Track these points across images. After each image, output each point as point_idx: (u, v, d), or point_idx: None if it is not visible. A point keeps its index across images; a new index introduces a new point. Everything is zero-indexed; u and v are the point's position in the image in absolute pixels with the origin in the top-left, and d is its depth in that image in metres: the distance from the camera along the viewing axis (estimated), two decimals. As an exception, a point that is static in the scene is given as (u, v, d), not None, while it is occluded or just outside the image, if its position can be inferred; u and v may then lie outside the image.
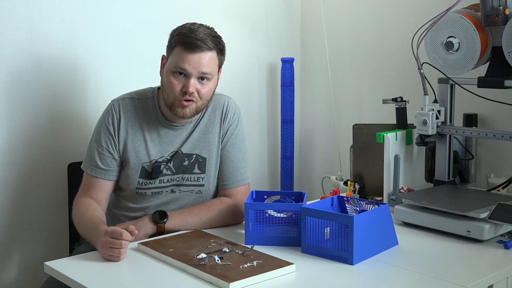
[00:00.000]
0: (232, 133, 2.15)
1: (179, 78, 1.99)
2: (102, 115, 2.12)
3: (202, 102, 2.03)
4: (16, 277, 2.41)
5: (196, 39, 1.96)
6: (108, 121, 2.08)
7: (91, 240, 1.90)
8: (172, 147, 2.10)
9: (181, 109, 2.01)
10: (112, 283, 1.64)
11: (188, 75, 1.98)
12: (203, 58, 1.97)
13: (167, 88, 2.01)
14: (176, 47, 1.99)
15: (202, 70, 1.98)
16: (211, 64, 2.00)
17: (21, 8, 2.31)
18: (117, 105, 2.09)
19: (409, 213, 2.06)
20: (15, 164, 2.36)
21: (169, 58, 2.02)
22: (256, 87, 3.10)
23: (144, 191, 2.09)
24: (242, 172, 2.16)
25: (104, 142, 2.07)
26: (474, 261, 1.81)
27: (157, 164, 2.07)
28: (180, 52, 1.97)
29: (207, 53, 1.98)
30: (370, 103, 2.94)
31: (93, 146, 2.09)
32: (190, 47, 1.96)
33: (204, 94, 2.02)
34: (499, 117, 2.47)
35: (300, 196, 1.98)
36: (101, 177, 2.07)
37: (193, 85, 1.98)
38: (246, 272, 1.61)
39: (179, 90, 1.99)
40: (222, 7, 2.89)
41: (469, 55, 2.15)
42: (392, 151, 2.24)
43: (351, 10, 2.99)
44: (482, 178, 2.49)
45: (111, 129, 2.07)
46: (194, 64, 1.96)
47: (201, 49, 1.96)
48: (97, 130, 2.10)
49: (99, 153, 2.07)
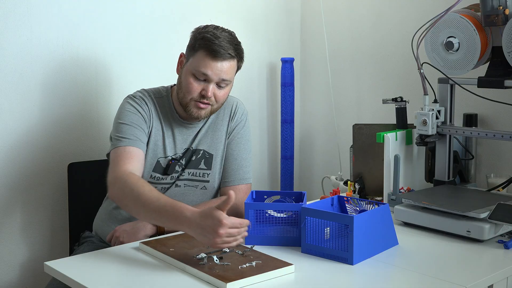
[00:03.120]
0: (238, 132, 2.19)
1: (199, 81, 2.03)
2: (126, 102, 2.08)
3: (217, 105, 2.09)
4: (16, 277, 2.41)
5: (220, 46, 1.99)
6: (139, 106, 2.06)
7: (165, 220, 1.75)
8: (185, 144, 2.15)
9: (197, 110, 2.05)
10: (112, 283, 1.64)
11: (209, 81, 2.02)
12: (225, 66, 2.02)
13: (185, 88, 2.04)
14: (199, 51, 2.02)
15: (223, 77, 2.02)
16: (231, 71, 2.05)
17: (21, 8, 2.31)
18: (142, 99, 2.09)
19: (409, 213, 2.06)
20: (15, 164, 2.36)
21: (190, 59, 2.04)
22: (256, 87, 3.10)
23: (155, 185, 2.08)
24: (245, 171, 2.18)
25: (135, 119, 2.04)
26: (474, 261, 1.81)
27: (174, 161, 2.11)
28: (203, 57, 2.00)
29: (229, 61, 2.02)
30: (370, 103, 2.94)
31: (120, 124, 2.03)
32: (214, 55, 1.99)
33: (221, 98, 2.07)
34: (499, 117, 2.47)
35: (300, 196, 1.98)
36: (137, 146, 1.99)
37: (212, 90, 2.03)
38: (244, 273, 1.61)
39: (198, 93, 2.03)
40: (222, 7, 2.90)
41: (469, 55, 2.15)
42: (392, 151, 2.24)
43: (351, 10, 2.99)
44: (482, 178, 2.49)
45: (144, 113, 2.06)
46: (216, 71, 2.00)
47: (223, 58, 2.00)
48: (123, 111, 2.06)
49: (130, 127, 2.02)
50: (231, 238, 1.64)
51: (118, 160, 1.95)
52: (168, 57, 2.13)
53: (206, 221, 1.63)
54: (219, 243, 1.63)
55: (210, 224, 1.62)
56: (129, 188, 1.83)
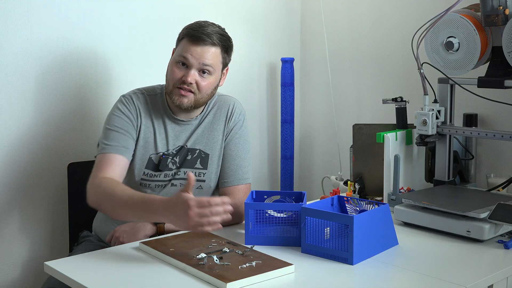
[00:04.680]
0: (236, 132, 2.18)
1: (181, 67, 2.05)
2: (116, 106, 2.12)
3: (201, 95, 2.07)
4: (16, 277, 2.41)
5: (203, 33, 2.03)
6: (125, 108, 2.09)
7: (142, 215, 1.82)
8: (178, 141, 2.14)
9: (179, 98, 2.05)
10: (112, 283, 1.64)
11: (190, 66, 2.04)
12: (205, 51, 2.03)
13: (168, 76, 2.08)
14: (183, 39, 2.07)
15: (203, 62, 2.03)
16: (213, 58, 2.05)
17: (21, 8, 2.31)
18: (131, 98, 2.13)
19: (409, 213, 2.06)
20: (15, 164, 2.36)
21: (176, 51, 2.09)
22: (256, 87, 3.10)
23: (149, 182, 2.10)
24: (244, 172, 2.17)
25: (121, 124, 2.07)
26: (474, 261, 1.81)
27: (165, 156, 2.10)
28: (185, 44, 2.05)
29: (210, 47, 2.04)
30: (370, 103, 2.94)
31: (108, 130, 2.06)
32: (195, 39, 2.03)
33: (204, 88, 2.06)
34: (499, 117, 2.48)
35: (300, 196, 1.98)
36: (118, 153, 2.02)
37: (193, 76, 2.03)
38: (244, 273, 1.61)
39: (178, 78, 2.04)
40: (222, 7, 2.90)
41: (469, 55, 2.15)
42: (392, 151, 2.24)
43: (351, 10, 2.99)
44: (482, 178, 2.49)
45: (130, 115, 2.09)
46: (196, 55, 2.02)
47: (205, 43, 2.03)
48: (112, 117, 2.09)
49: (116, 132, 2.05)
50: (204, 218, 1.66)
51: (97, 167, 2.01)
52: (168, 57, 2.13)
53: (176, 207, 1.69)
54: (193, 225, 1.67)
55: (180, 209, 1.67)
56: (103, 192, 1.90)
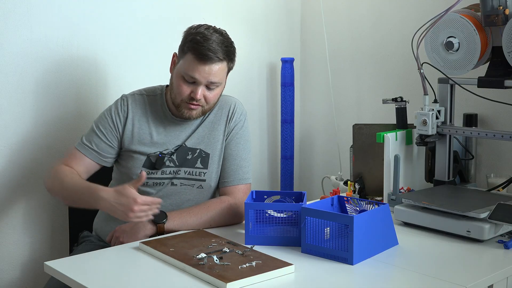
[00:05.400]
0: (237, 132, 2.19)
1: (189, 84, 2.05)
2: (110, 106, 2.18)
3: (208, 106, 2.11)
4: (16, 277, 2.41)
5: (209, 49, 2.00)
6: (115, 112, 2.15)
7: (85, 200, 1.97)
8: (177, 140, 2.15)
9: (188, 111, 2.09)
10: (112, 283, 1.64)
11: (197, 83, 2.04)
12: (213, 69, 2.02)
13: (176, 90, 2.08)
14: (188, 53, 2.03)
15: (211, 80, 2.04)
16: (220, 74, 2.06)
17: (21, 8, 2.31)
18: (126, 100, 2.17)
19: (409, 213, 2.06)
20: (15, 164, 2.36)
21: (181, 61, 2.07)
22: (256, 87, 3.10)
23: (146, 181, 2.10)
24: (244, 171, 2.18)
25: (103, 128, 2.14)
26: (474, 261, 1.81)
27: (162, 155, 2.12)
28: (191, 61, 2.02)
29: (217, 64, 2.03)
30: (370, 103, 2.94)
31: (92, 129, 2.16)
32: (202, 58, 2.01)
33: (211, 99, 2.09)
34: (499, 117, 2.47)
35: (300, 196, 1.98)
36: (89, 156, 2.12)
37: (201, 93, 2.05)
38: (244, 273, 1.61)
39: (187, 94, 2.05)
40: (222, 7, 2.89)
41: (469, 55, 2.15)
42: (392, 151, 2.24)
43: (351, 10, 2.99)
44: (482, 178, 2.49)
45: (116, 120, 2.14)
46: (204, 74, 2.02)
47: (211, 61, 2.01)
48: (101, 116, 2.17)
49: (96, 135, 2.14)
50: (143, 213, 1.86)
51: (66, 157, 2.15)
52: (168, 57, 2.13)
53: (121, 199, 1.86)
54: (132, 218, 1.85)
55: (125, 202, 1.85)
56: (57, 177, 2.06)
